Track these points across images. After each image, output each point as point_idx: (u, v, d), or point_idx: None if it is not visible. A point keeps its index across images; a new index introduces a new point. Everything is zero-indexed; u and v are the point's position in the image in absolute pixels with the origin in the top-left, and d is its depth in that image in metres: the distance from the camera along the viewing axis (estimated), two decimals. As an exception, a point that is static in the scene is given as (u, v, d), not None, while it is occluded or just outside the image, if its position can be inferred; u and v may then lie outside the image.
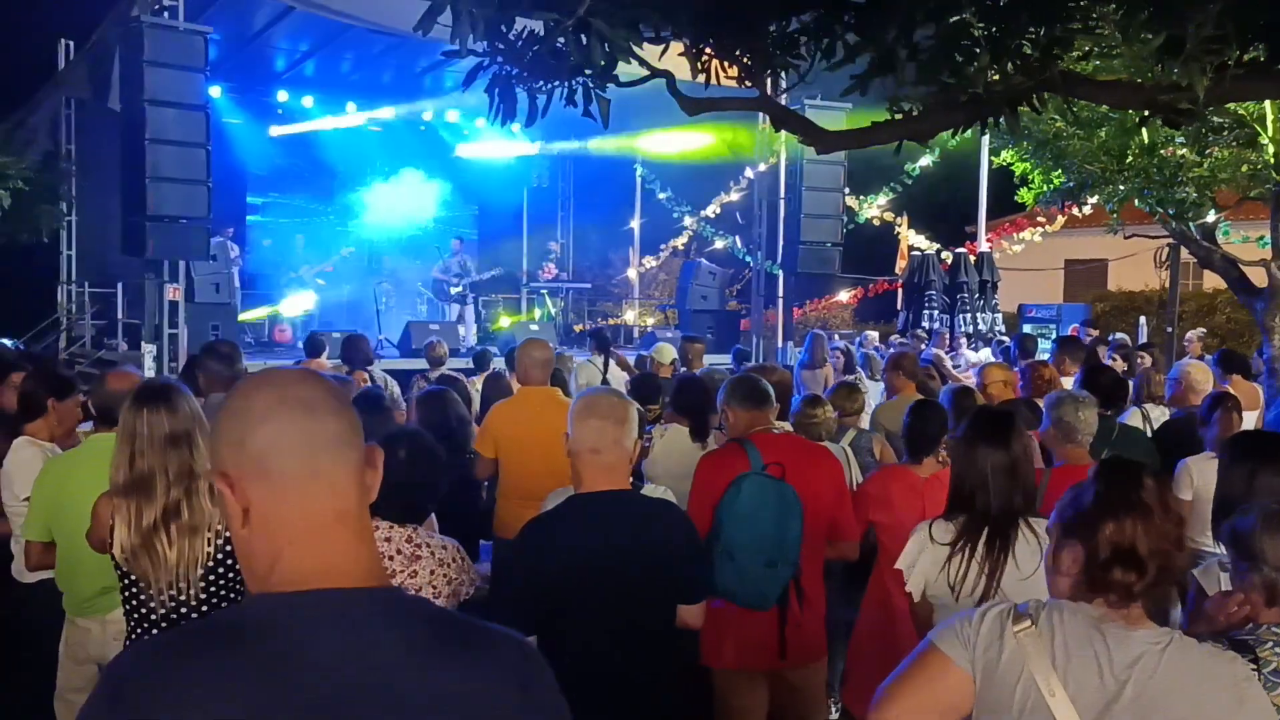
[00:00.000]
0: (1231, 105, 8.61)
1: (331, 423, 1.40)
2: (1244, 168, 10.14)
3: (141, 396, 3.32)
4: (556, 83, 3.66)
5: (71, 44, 14.04)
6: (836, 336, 13.71)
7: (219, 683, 1.24)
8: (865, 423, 6.61)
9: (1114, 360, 9.04)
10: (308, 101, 16.81)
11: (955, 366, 11.44)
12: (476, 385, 8.57)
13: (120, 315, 13.68)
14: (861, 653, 4.37)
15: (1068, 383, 6.44)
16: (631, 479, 4.31)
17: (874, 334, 13.74)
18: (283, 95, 16.72)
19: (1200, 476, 4.59)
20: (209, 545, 3.26)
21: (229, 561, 3.29)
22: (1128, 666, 1.94)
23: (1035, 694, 1.96)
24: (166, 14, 11.28)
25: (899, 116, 3.67)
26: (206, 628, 1.36)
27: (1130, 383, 7.46)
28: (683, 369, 8.34)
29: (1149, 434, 5.75)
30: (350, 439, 1.42)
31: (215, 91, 14.51)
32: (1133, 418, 6.02)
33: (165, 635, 1.43)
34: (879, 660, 4.29)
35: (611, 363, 9.52)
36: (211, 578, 3.28)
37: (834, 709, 4.67)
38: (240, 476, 1.36)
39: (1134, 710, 1.92)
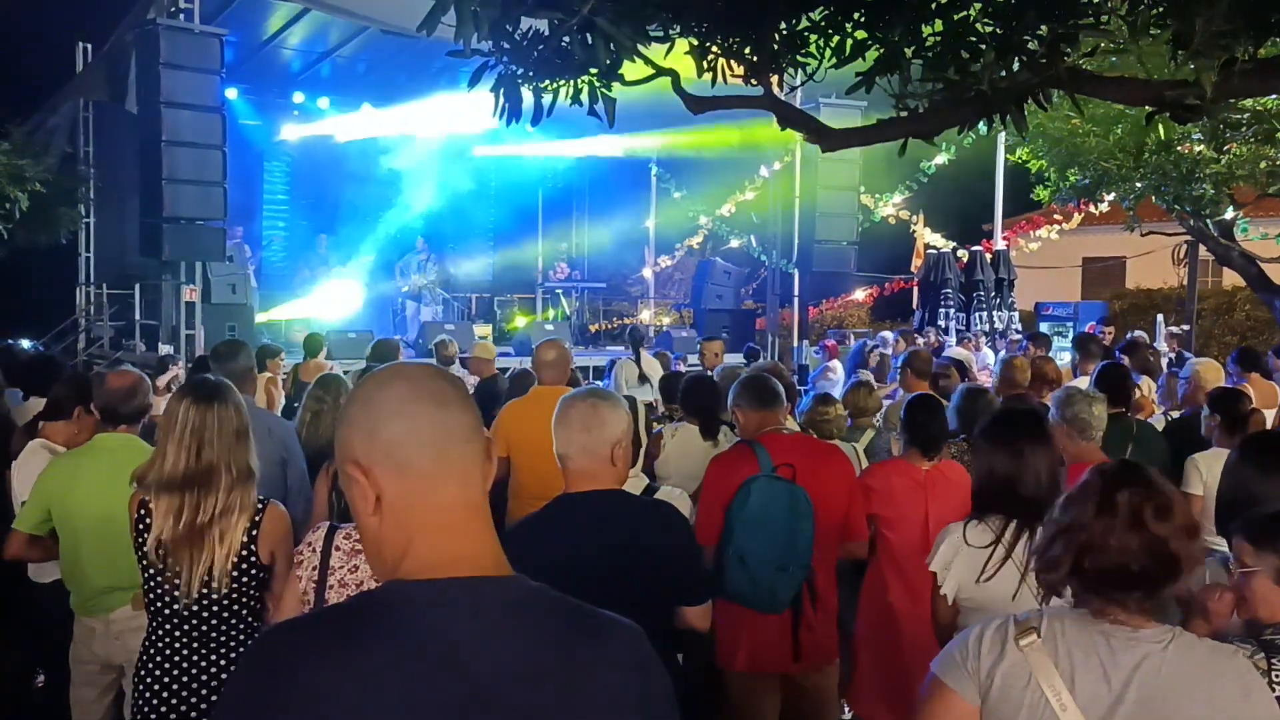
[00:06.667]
0: (1249, 101, 8.55)
1: (460, 415, 1.45)
2: (1262, 164, 10.07)
3: (205, 393, 3.39)
4: (562, 82, 3.66)
5: (89, 47, 14.16)
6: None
7: (359, 662, 1.27)
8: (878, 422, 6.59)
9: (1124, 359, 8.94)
10: (324, 103, 16.87)
11: (981, 368, 11.36)
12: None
13: (138, 316, 13.78)
14: (861, 651, 4.36)
15: (1085, 381, 6.42)
16: (648, 480, 4.34)
17: (889, 334, 13.68)
18: (299, 97, 16.79)
19: (1209, 472, 4.54)
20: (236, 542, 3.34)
21: (251, 559, 3.36)
22: (1132, 669, 1.92)
23: (1044, 706, 1.94)
24: (182, 16, 11.37)
25: (905, 114, 3.66)
26: (344, 612, 1.40)
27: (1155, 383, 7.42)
28: (687, 368, 8.34)
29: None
30: (476, 431, 1.47)
31: (231, 93, 14.59)
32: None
33: (305, 617, 1.47)
34: (878, 658, 4.30)
35: (648, 359, 9.52)
36: (235, 573, 3.34)
37: (846, 710, 4.65)
38: (372, 465, 1.40)
39: (1141, 712, 1.90)
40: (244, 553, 3.34)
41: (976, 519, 3.33)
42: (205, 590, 3.29)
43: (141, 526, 3.33)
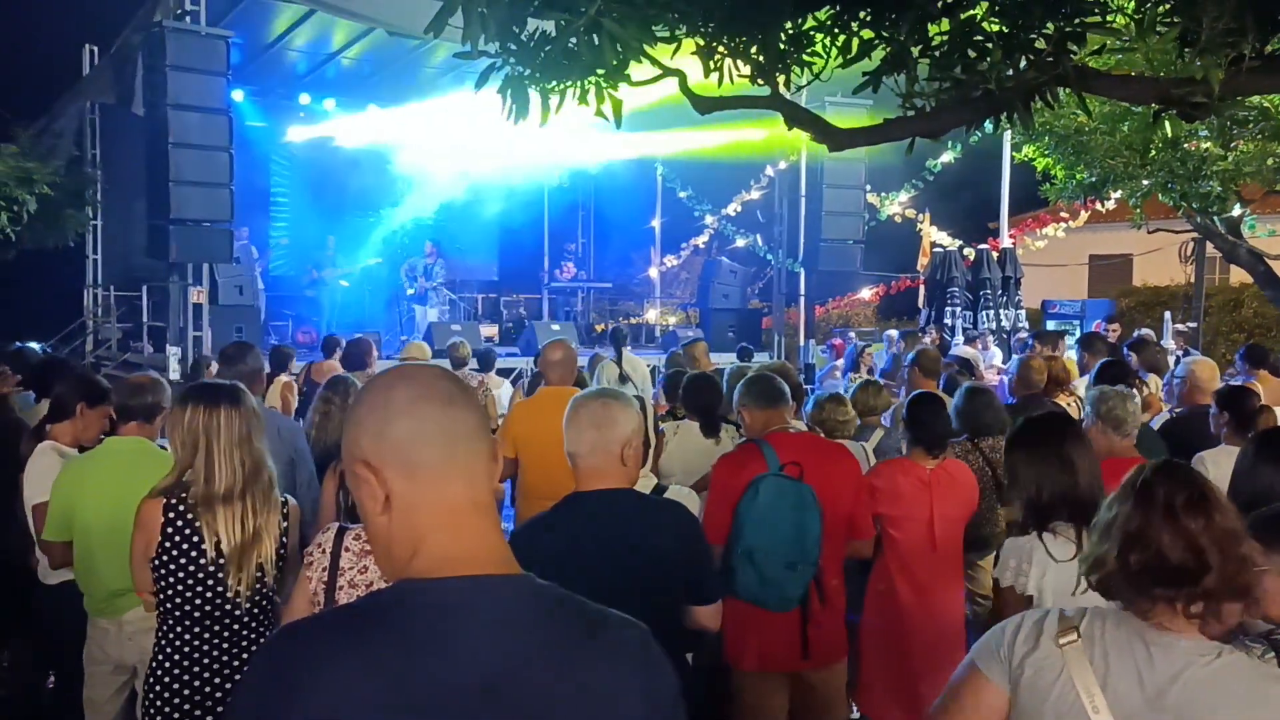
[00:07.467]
0: (1256, 98, 8.54)
1: (466, 415, 1.46)
2: (1269, 161, 10.04)
3: (236, 397, 3.40)
4: (569, 82, 3.67)
5: (95, 50, 14.18)
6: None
7: (369, 661, 1.29)
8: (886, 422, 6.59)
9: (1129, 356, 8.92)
10: (329, 104, 16.89)
11: (988, 367, 11.36)
12: (488, 384, 8.69)
13: (145, 318, 13.82)
14: (867, 649, 4.36)
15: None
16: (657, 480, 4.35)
17: (893, 333, 13.67)
18: (305, 98, 16.80)
19: (1217, 470, 4.52)
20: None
21: (282, 551, 3.42)
22: (1170, 678, 1.89)
23: (1073, 702, 1.93)
24: (189, 19, 11.37)
25: (911, 113, 3.66)
26: (355, 611, 1.41)
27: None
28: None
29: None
30: (483, 431, 1.48)
31: (237, 95, 14.61)
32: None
33: (315, 618, 1.49)
34: (884, 657, 4.30)
35: (630, 359, 9.56)
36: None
37: (854, 709, 4.66)
38: (382, 465, 1.41)
39: None
40: (278, 547, 3.41)
41: (1050, 532, 3.19)
42: (259, 587, 3.36)
43: (173, 533, 3.30)
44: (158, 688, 3.33)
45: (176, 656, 3.34)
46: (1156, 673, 1.91)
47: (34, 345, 10.91)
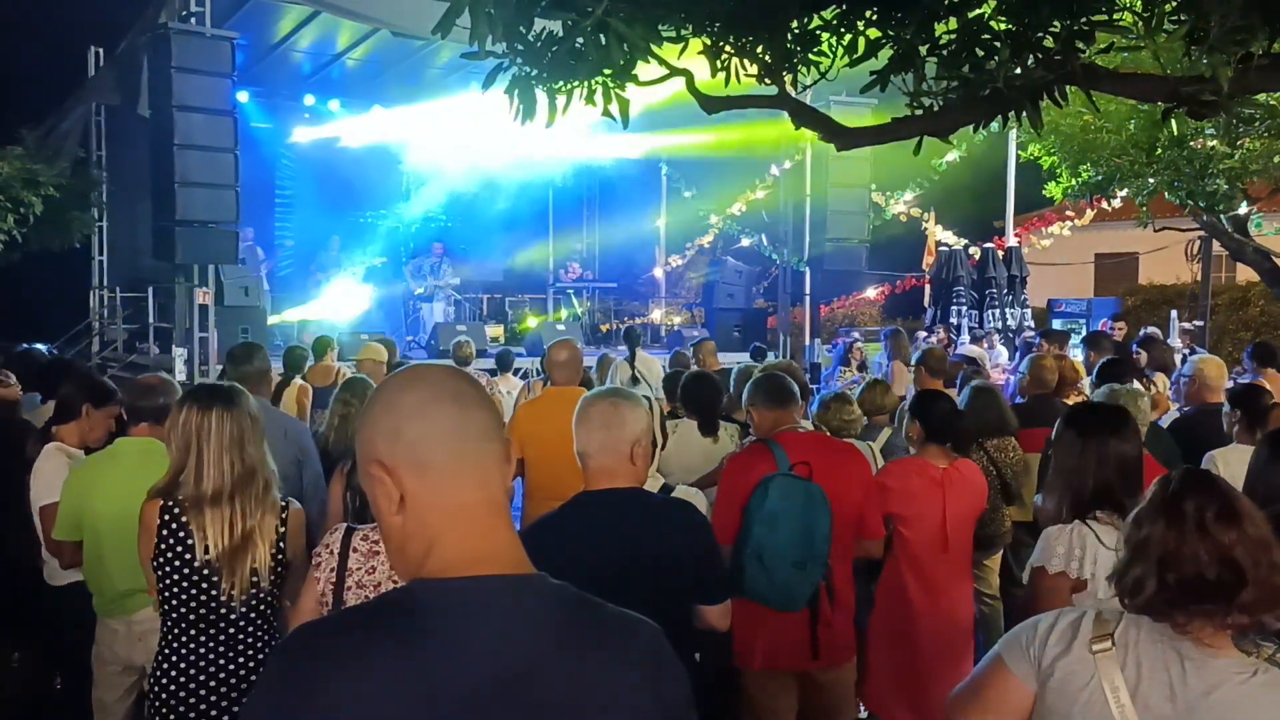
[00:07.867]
0: (1262, 96, 8.52)
1: (480, 415, 1.47)
2: (1276, 159, 10.04)
3: (231, 398, 3.38)
4: (576, 83, 3.67)
5: (100, 51, 14.23)
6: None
7: (384, 660, 1.29)
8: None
9: (1138, 354, 8.90)
10: (334, 105, 16.89)
11: (994, 366, 11.34)
12: (497, 385, 8.69)
13: (151, 319, 13.82)
14: (876, 648, 4.36)
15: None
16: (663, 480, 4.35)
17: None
18: (310, 99, 16.80)
19: (1227, 468, 4.51)
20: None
21: (279, 557, 3.40)
22: (1203, 694, 1.86)
23: (1101, 708, 1.91)
24: (194, 20, 11.36)
25: (919, 112, 3.66)
26: (370, 611, 1.42)
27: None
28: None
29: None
30: (496, 431, 1.49)
31: (243, 96, 14.60)
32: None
33: (330, 619, 1.52)
34: (894, 656, 4.29)
35: (644, 358, 9.57)
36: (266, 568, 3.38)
37: (863, 708, 4.65)
38: (396, 466, 1.42)
39: None
40: (274, 551, 3.38)
41: (1094, 520, 3.15)
42: (254, 591, 3.32)
43: (167, 535, 3.30)
44: (157, 688, 3.33)
45: (175, 658, 3.33)
46: (1189, 688, 1.88)
47: (40, 347, 10.93)
